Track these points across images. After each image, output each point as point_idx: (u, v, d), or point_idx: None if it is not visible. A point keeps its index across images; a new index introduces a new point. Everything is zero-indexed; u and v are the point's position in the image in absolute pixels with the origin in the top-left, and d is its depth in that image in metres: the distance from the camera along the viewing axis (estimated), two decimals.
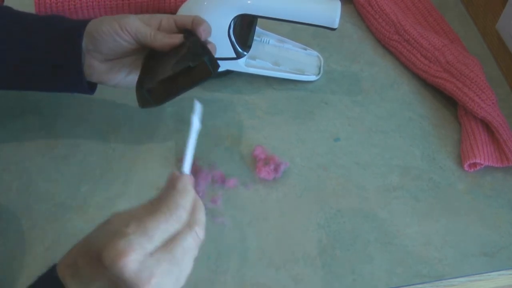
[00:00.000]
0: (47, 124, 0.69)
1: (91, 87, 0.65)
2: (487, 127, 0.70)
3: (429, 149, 0.71)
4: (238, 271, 0.59)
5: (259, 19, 0.72)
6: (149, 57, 0.63)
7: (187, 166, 0.49)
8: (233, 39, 0.69)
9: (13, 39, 0.61)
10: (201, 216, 0.46)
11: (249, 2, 0.67)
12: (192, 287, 0.58)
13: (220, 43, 0.69)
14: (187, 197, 0.46)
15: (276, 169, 0.66)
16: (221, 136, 0.69)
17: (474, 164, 0.68)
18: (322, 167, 0.68)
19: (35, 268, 0.58)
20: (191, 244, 0.44)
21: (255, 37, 0.74)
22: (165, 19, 0.63)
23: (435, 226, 0.64)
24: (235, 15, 0.67)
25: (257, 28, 0.75)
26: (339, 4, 0.68)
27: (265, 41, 0.77)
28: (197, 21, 0.62)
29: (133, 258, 0.40)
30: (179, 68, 0.58)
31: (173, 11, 0.77)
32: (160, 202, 0.45)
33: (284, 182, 0.66)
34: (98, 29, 0.60)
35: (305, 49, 0.78)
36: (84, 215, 0.62)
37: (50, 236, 0.60)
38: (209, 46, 0.62)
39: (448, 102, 0.75)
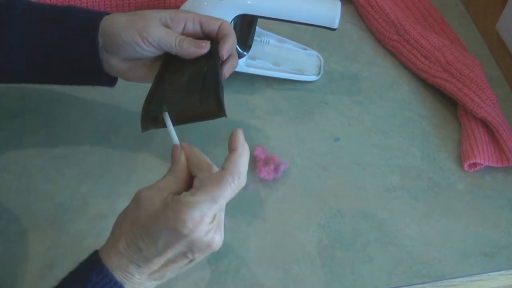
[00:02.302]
0: (47, 124, 0.69)
1: (112, 79, 0.63)
2: (487, 127, 0.70)
3: (429, 149, 0.71)
4: (238, 271, 0.59)
5: (259, 19, 0.72)
6: (165, 64, 0.59)
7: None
8: None
9: (28, 34, 0.58)
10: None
11: (249, 2, 0.67)
12: (192, 287, 0.58)
13: None
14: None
15: (276, 169, 0.66)
16: (221, 136, 0.69)
17: (474, 164, 0.68)
18: (322, 167, 0.68)
19: (35, 268, 0.58)
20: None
21: (255, 37, 0.74)
22: (190, 22, 0.59)
23: (435, 226, 0.64)
24: (235, 15, 0.67)
25: (257, 28, 0.75)
26: (339, 4, 0.68)
27: (265, 41, 0.77)
28: (223, 31, 0.60)
29: (207, 222, 0.47)
30: (187, 103, 0.54)
31: None
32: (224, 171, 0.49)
33: (284, 182, 0.66)
34: (118, 37, 0.57)
35: (305, 49, 0.78)
36: (84, 215, 0.62)
37: (50, 236, 0.60)
38: (227, 66, 0.60)
39: (448, 102, 0.75)
